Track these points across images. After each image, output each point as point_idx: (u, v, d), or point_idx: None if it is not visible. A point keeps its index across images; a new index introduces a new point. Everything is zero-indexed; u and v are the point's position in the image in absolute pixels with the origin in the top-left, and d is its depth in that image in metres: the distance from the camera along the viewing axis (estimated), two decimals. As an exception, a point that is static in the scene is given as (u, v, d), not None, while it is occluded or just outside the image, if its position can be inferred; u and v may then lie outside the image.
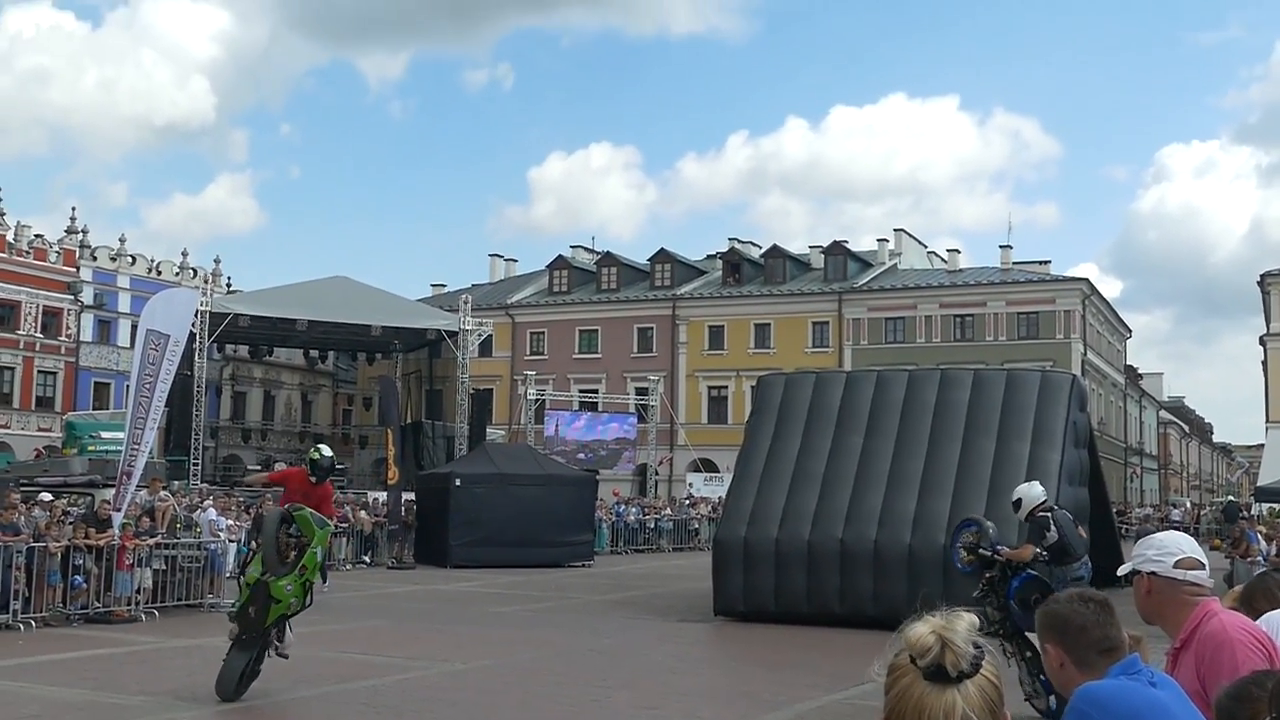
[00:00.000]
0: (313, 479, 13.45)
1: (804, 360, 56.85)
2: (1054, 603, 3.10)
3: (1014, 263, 63.42)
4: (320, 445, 14.94)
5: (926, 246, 72.26)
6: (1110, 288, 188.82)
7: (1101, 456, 28.02)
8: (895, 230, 68.79)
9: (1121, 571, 3.69)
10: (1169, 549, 3.56)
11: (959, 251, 66.90)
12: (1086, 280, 61.81)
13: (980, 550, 12.55)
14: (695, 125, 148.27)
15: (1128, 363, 78.88)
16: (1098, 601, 3.06)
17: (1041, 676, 11.30)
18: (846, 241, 67.05)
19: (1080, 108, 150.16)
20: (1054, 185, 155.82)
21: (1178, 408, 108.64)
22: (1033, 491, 13.63)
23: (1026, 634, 11.67)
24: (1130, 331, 76.98)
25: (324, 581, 23.35)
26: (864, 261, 65.91)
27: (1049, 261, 64.35)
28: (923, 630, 2.02)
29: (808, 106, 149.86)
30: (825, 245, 66.63)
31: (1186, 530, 37.04)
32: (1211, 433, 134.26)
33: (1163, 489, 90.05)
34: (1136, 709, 2.77)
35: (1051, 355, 55.68)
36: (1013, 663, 11.68)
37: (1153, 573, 3.53)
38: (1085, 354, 60.02)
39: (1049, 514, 13.27)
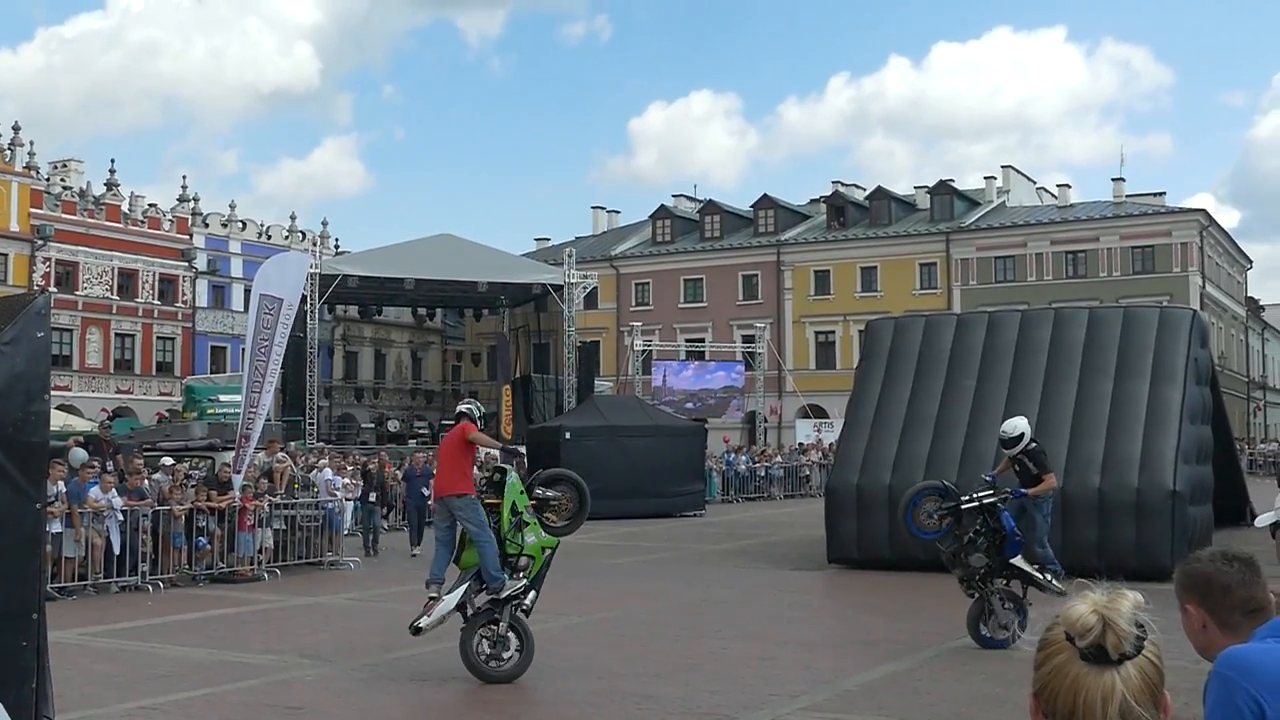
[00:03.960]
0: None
1: (912, 303, 56.18)
2: (1195, 561, 2.93)
3: (1127, 196, 61.75)
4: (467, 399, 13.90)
5: (1035, 183, 70.69)
6: (1228, 218, 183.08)
7: (1223, 392, 27.26)
8: (1003, 167, 67.45)
9: (1263, 523, 3.51)
10: (1317, 500, 3.37)
11: (1069, 187, 65.40)
12: (1203, 211, 60.01)
13: (964, 506, 12.70)
14: (795, 69, 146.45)
15: (1249, 294, 76.63)
16: (1243, 560, 2.88)
17: (1018, 608, 12.61)
18: (952, 180, 65.83)
19: (1192, 33, 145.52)
20: (1167, 115, 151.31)
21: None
22: (1028, 425, 14.29)
23: (1013, 561, 12.73)
24: (1251, 262, 74.68)
25: (420, 540, 23.64)
26: (971, 200, 64.71)
27: (1164, 193, 62.61)
28: (1083, 609, 1.92)
29: (909, 44, 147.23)
30: (931, 185, 65.50)
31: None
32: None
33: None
34: (1286, 673, 2.62)
35: (1169, 289, 54.30)
36: (993, 604, 12.66)
37: (1300, 526, 3.35)
38: (1204, 287, 58.40)
39: (1037, 443, 14.19)
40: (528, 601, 11.36)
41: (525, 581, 11.36)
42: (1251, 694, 2.57)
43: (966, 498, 12.94)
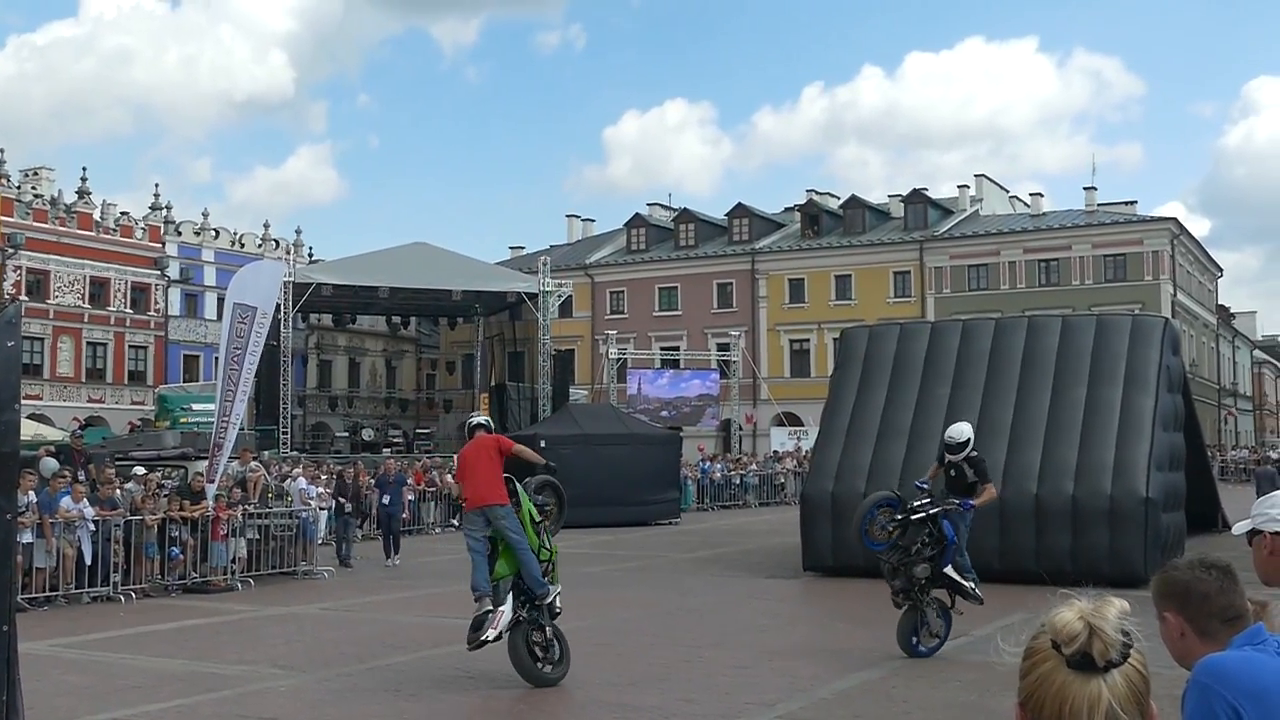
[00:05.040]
0: None
1: (886, 311, 56.34)
2: (1174, 569, 2.93)
3: (1099, 204, 62.12)
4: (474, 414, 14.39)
5: (1008, 191, 71.07)
6: (1199, 226, 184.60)
7: (1195, 399, 27.42)
8: (976, 176, 67.80)
9: (1239, 530, 3.51)
10: (1295, 507, 3.37)
11: (1042, 195, 65.65)
12: (1174, 220, 60.39)
13: (913, 517, 12.68)
14: (770, 78, 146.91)
15: (1219, 302, 77.15)
16: (1220, 568, 2.88)
17: (944, 616, 12.81)
18: (926, 189, 66.13)
19: (1163, 44, 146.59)
20: (1138, 125, 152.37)
21: (1272, 346, 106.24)
22: (972, 431, 14.01)
23: (945, 570, 12.76)
24: (1221, 270, 75.22)
25: (396, 551, 23.60)
26: (944, 209, 64.99)
27: (1135, 202, 63.08)
28: (1069, 616, 1.91)
29: (883, 54, 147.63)
30: (904, 194, 65.77)
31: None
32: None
33: (1258, 430, 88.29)
34: (1262, 681, 2.62)
35: (1141, 298, 54.65)
36: (927, 614, 12.73)
37: (1277, 533, 3.34)
38: (1175, 295, 58.76)
39: (977, 452, 13.95)
40: (558, 605, 11.70)
41: (560, 586, 11.73)
42: (1229, 701, 2.57)
43: (912, 508, 12.90)
